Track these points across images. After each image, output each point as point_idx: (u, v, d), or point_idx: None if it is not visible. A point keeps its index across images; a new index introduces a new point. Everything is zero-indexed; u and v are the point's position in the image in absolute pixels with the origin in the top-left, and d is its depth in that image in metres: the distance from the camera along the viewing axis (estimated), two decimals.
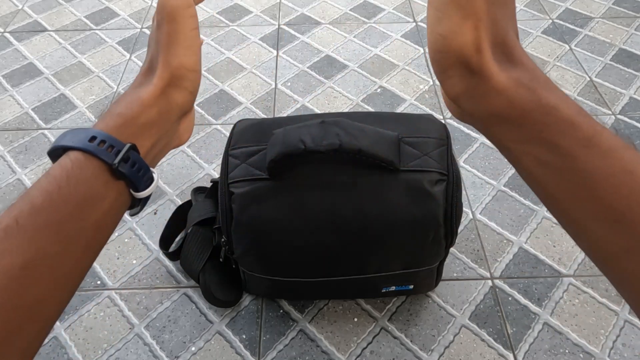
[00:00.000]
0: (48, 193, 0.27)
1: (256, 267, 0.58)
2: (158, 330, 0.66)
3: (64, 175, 0.28)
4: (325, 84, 1.02)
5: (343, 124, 0.48)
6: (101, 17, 1.23)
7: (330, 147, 0.46)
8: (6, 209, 0.27)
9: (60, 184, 0.27)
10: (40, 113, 0.98)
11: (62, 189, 0.27)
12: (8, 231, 0.25)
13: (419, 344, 0.64)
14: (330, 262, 0.55)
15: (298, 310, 0.67)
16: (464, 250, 0.73)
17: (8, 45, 1.15)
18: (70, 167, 0.28)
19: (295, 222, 0.50)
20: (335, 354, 0.63)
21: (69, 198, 0.27)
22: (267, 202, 0.50)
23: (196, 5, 0.34)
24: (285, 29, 1.18)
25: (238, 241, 0.54)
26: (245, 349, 0.64)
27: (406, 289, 0.62)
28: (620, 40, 1.12)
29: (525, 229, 0.76)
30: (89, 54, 1.12)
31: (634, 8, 1.21)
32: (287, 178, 0.49)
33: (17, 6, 1.27)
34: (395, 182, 0.49)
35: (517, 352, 0.63)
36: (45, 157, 0.89)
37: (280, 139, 0.48)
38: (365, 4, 1.25)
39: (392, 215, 0.50)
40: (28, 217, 0.26)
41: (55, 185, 0.27)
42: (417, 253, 0.55)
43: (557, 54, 1.08)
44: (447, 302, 0.68)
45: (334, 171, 0.49)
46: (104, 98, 1.01)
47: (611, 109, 0.96)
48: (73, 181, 0.28)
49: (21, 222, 0.26)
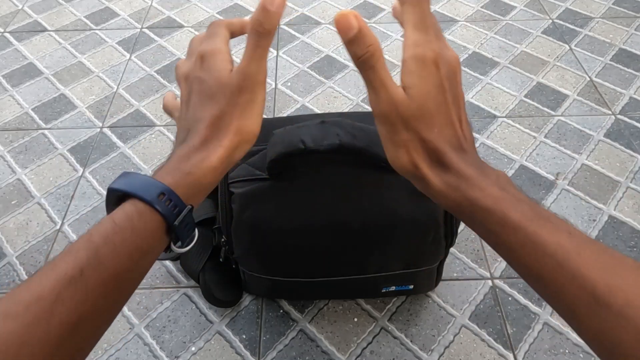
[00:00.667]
0: (113, 244, 0.28)
1: (256, 267, 0.58)
2: (158, 330, 0.66)
3: (129, 227, 0.29)
4: (325, 84, 1.02)
5: (343, 124, 0.48)
6: (101, 17, 1.23)
7: (331, 147, 0.46)
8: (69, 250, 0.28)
9: (124, 236, 0.29)
10: (40, 113, 0.98)
11: (126, 241, 0.29)
12: (72, 282, 0.26)
13: (419, 344, 0.64)
14: (330, 262, 0.55)
15: (298, 310, 0.67)
16: (464, 250, 0.73)
17: (8, 45, 1.15)
18: (137, 220, 0.30)
19: (295, 222, 0.50)
20: (335, 354, 0.63)
21: (131, 252, 0.29)
22: (267, 202, 0.50)
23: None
24: (285, 29, 1.18)
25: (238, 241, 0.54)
26: (245, 349, 0.64)
27: (406, 289, 0.62)
28: (620, 40, 1.12)
29: None
30: (89, 54, 1.12)
31: (634, 8, 1.21)
32: (287, 178, 0.49)
33: (17, 6, 1.27)
34: (395, 182, 0.49)
35: (517, 352, 0.63)
36: (45, 157, 0.89)
37: (280, 139, 0.48)
38: (366, 4, 1.25)
39: (392, 215, 0.50)
40: (92, 270, 0.27)
41: (120, 236, 0.29)
42: (417, 253, 0.55)
43: (557, 54, 1.08)
44: (447, 302, 0.68)
45: (334, 171, 0.49)
46: (104, 98, 1.01)
47: (611, 109, 0.96)
48: (136, 233, 0.29)
49: (86, 273, 0.27)
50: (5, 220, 0.79)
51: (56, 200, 0.82)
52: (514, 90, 1.00)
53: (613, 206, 0.79)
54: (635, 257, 0.72)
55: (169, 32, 1.18)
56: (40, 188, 0.84)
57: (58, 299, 0.25)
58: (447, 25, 1.18)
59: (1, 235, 0.77)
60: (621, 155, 0.87)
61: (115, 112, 0.98)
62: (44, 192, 0.83)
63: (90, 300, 0.26)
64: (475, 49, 1.11)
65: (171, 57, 1.10)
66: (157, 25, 1.20)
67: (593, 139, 0.90)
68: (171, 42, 1.15)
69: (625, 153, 0.87)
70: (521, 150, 0.88)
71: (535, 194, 0.81)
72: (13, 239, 0.77)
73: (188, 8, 1.26)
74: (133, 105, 0.99)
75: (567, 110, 0.96)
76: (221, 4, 1.26)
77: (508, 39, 1.13)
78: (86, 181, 0.85)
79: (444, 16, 1.20)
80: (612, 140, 0.90)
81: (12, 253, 0.75)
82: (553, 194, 0.81)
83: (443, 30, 1.16)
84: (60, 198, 0.82)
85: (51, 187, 0.84)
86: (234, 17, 1.21)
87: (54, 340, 0.25)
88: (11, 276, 0.72)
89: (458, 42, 1.13)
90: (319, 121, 0.48)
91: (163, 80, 1.04)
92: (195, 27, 1.19)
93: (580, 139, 0.90)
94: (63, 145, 0.91)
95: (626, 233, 0.75)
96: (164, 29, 1.19)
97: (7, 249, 0.75)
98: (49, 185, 0.84)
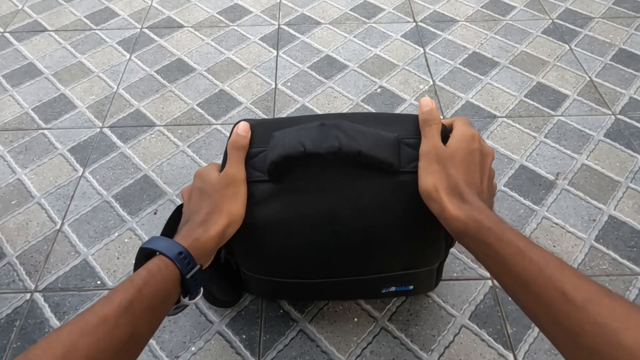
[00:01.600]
0: (150, 285, 0.39)
1: (256, 268, 0.58)
2: (158, 330, 0.66)
3: (159, 274, 0.40)
4: (325, 84, 1.02)
5: (342, 126, 0.48)
6: (101, 17, 1.23)
7: (330, 150, 0.46)
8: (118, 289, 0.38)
9: (156, 280, 0.39)
10: (40, 113, 0.98)
11: (157, 284, 0.39)
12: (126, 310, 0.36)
13: (419, 344, 0.64)
14: (330, 263, 0.55)
15: (298, 310, 0.68)
16: (464, 250, 0.74)
17: (8, 45, 1.15)
18: (164, 270, 0.40)
19: (295, 224, 0.50)
20: (335, 354, 0.63)
21: (160, 293, 0.39)
22: (267, 204, 0.50)
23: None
24: (285, 29, 1.18)
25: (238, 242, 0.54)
26: (245, 349, 0.64)
27: (406, 289, 0.62)
28: (620, 40, 1.12)
29: (526, 229, 0.76)
30: (89, 54, 1.12)
31: (634, 8, 1.21)
32: (287, 180, 0.49)
33: (17, 6, 1.27)
34: (395, 183, 0.49)
35: (517, 352, 0.63)
36: (45, 157, 0.89)
37: (280, 142, 0.48)
38: (365, 4, 1.25)
39: (392, 217, 0.50)
40: (138, 302, 0.37)
41: (154, 279, 0.39)
42: (417, 254, 0.55)
43: (557, 54, 1.08)
44: (447, 302, 0.68)
45: (334, 173, 0.49)
46: (104, 98, 1.01)
47: (611, 109, 0.96)
48: (163, 279, 0.40)
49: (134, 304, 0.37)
50: (5, 220, 0.79)
51: (56, 200, 0.82)
52: (514, 90, 1.00)
53: (613, 206, 0.79)
54: (635, 257, 0.72)
55: (169, 32, 1.18)
56: (40, 188, 0.84)
57: (117, 322, 0.35)
58: (447, 25, 1.18)
59: (1, 235, 0.77)
60: (621, 155, 0.87)
61: (115, 112, 0.98)
62: (43, 192, 0.83)
63: (136, 324, 0.37)
64: (475, 49, 1.11)
65: (171, 57, 1.10)
66: (157, 25, 1.20)
67: (593, 139, 0.90)
68: (171, 42, 1.15)
69: (625, 153, 0.87)
70: (521, 150, 0.88)
71: (535, 194, 0.81)
72: (13, 239, 0.77)
73: (188, 8, 1.26)
74: (133, 105, 0.99)
75: (567, 110, 0.96)
76: (221, 4, 1.26)
77: (508, 39, 1.13)
78: (86, 181, 0.85)
79: (444, 16, 1.20)
80: (612, 140, 0.90)
81: (12, 253, 0.75)
82: (553, 194, 0.81)
83: (443, 30, 1.16)
84: (60, 198, 0.82)
85: (51, 187, 0.84)
86: (233, 16, 1.21)
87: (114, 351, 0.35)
88: (11, 276, 0.72)
89: (458, 42, 1.13)
90: (318, 123, 0.48)
91: (163, 80, 1.05)
92: (195, 27, 1.19)
93: (580, 139, 0.90)
94: (63, 145, 0.91)
95: (626, 233, 0.75)
96: (164, 29, 1.19)
97: (7, 249, 0.75)
98: (49, 185, 0.84)
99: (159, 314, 0.40)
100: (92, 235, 0.77)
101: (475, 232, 0.40)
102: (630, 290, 0.69)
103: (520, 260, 0.37)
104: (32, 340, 0.65)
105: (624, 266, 0.72)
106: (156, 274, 0.39)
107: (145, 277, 0.39)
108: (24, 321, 0.67)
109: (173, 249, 0.42)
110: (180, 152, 0.89)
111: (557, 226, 0.77)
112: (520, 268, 0.37)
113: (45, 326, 0.67)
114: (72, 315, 0.67)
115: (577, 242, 0.75)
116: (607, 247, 0.74)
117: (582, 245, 0.74)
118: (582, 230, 0.76)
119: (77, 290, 0.70)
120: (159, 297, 0.39)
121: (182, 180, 0.84)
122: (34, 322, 0.67)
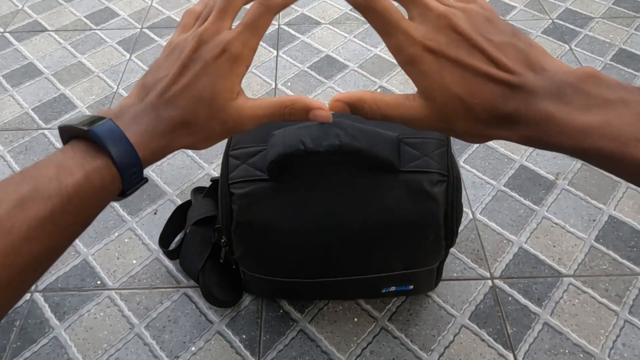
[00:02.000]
0: (82, 199, 0.30)
1: (256, 267, 0.58)
2: (158, 330, 0.66)
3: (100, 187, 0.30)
4: (325, 84, 1.02)
5: (343, 125, 0.48)
6: (101, 17, 1.23)
7: (330, 148, 0.46)
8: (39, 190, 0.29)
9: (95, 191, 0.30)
10: (40, 113, 0.98)
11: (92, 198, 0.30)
12: (44, 223, 0.28)
13: (419, 344, 0.64)
14: (330, 262, 0.55)
15: (298, 310, 0.67)
16: (464, 250, 0.73)
17: (8, 45, 1.15)
18: (108, 183, 0.31)
19: (295, 223, 0.50)
20: (335, 354, 0.63)
21: (94, 206, 0.31)
22: (267, 203, 0.50)
23: None
24: (285, 29, 1.18)
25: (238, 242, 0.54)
26: (245, 349, 0.64)
27: (406, 289, 0.62)
28: (620, 40, 1.12)
29: (525, 229, 0.76)
30: (89, 54, 1.12)
31: (634, 8, 1.21)
32: (287, 179, 0.49)
33: (17, 6, 1.27)
34: (395, 182, 0.49)
35: (517, 352, 0.63)
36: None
37: (281, 140, 0.48)
38: None
39: (392, 216, 0.50)
40: (61, 215, 0.29)
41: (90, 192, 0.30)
42: (417, 253, 0.55)
43: (557, 54, 1.08)
44: (447, 302, 0.68)
45: (334, 172, 0.49)
46: (104, 98, 1.01)
47: None
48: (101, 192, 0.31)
49: (56, 216, 0.29)
50: None
51: None
52: None
53: (613, 206, 0.79)
54: (635, 257, 0.72)
55: (169, 32, 1.18)
56: None
57: (28, 236, 0.28)
58: None
59: None
60: None
61: None
62: None
63: (52, 239, 0.29)
64: None
65: None
66: (157, 25, 1.20)
67: None
68: None
69: None
70: (521, 150, 0.88)
71: (536, 194, 0.81)
72: None
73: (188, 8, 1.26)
74: None
75: None
76: None
77: None
78: None
79: None
80: None
81: None
82: (553, 194, 0.81)
83: None
84: None
85: None
86: None
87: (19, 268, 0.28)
88: None
89: None
90: (318, 122, 0.48)
91: None
92: None
93: None
94: None
95: (626, 233, 0.75)
96: (164, 29, 1.19)
97: None
98: None
99: (85, 227, 0.32)
100: (92, 235, 0.77)
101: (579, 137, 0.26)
102: (630, 290, 0.69)
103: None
104: (32, 340, 0.65)
105: (624, 266, 0.71)
106: (96, 184, 0.30)
107: (81, 184, 0.30)
108: (24, 321, 0.67)
109: (129, 159, 0.31)
110: (180, 152, 0.89)
111: (557, 226, 0.77)
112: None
113: (45, 326, 0.66)
114: (72, 315, 0.67)
115: (577, 242, 0.75)
116: (607, 247, 0.74)
117: (582, 245, 0.74)
118: (582, 230, 0.76)
119: (77, 290, 0.70)
120: (90, 211, 0.31)
121: (182, 181, 0.84)
122: (34, 322, 0.67)
